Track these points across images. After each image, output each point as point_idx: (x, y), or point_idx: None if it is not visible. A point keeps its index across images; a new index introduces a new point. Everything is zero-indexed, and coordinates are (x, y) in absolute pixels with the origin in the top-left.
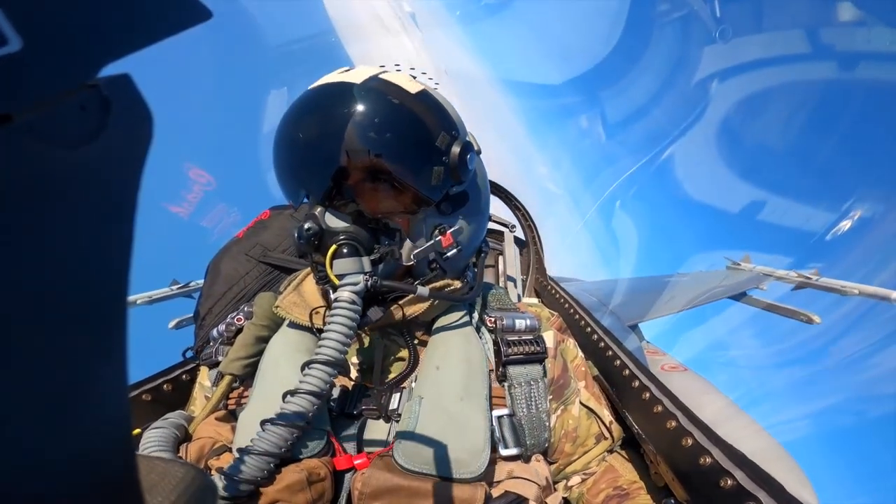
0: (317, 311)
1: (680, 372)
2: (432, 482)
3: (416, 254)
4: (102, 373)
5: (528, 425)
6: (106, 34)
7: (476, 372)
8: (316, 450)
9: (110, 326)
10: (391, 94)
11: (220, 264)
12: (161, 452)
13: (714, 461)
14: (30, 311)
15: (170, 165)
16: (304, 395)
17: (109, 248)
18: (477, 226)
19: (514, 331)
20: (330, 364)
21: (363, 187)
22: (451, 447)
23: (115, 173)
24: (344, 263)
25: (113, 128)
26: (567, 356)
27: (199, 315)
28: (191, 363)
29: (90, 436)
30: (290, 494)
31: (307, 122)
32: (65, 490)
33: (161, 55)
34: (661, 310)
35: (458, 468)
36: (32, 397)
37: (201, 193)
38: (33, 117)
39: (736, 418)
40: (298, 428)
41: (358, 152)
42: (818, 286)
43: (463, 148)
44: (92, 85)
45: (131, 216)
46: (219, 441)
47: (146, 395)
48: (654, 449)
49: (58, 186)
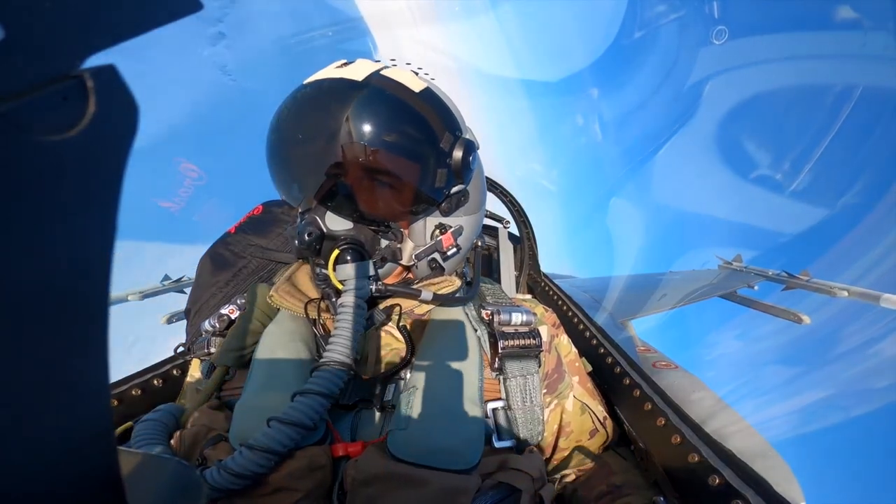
0: (312, 302)
1: (671, 369)
2: (425, 472)
3: (417, 254)
4: (82, 367)
5: (521, 418)
6: (91, 24)
7: (471, 364)
8: (316, 438)
9: (90, 320)
10: (395, 91)
11: (212, 259)
12: (152, 443)
13: (702, 459)
14: (6, 303)
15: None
16: (313, 395)
17: (91, 239)
18: (475, 224)
19: (511, 324)
20: (341, 367)
21: (364, 188)
22: (444, 438)
23: (98, 164)
24: (348, 269)
25: (97, 118)
26: (561, 351)
27: (190, 310)
28: (180, 358)
29: (70, 431)
30: (293, 481)
31: (306, 120)
32: (45, 486)
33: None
34: (653, 307)
35: (452, 459)
36: (9, 392)
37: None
38: (13, 106)
39: (725, 416)
40: (305, 428)
41: (360, 152)
42: (808, 287)
43: (466, 148)
44: (76, 75)
45: (114, 208)
46: (213, 429)
47: (136, 391)
48: (644, 446)
49: (39, 177)
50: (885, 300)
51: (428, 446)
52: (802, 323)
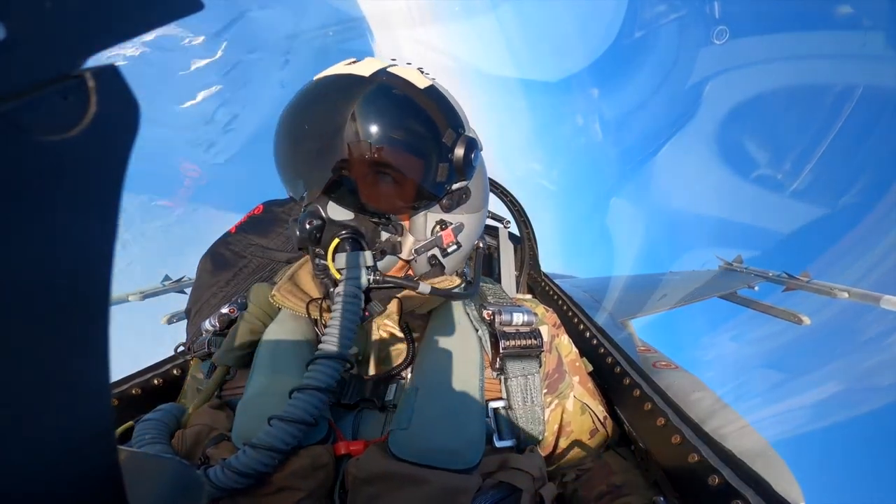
0: (314, 302)
1: (671, 369)
2: (426, 471)
3: (417, 249)
4: (82, 367)
5: (522, 418)
6: (91, 24)
7: (472, 364)
8: (318, 437)
9: (91, 320)
10: (400, 88)
11: (213, 258)
12: (154, 443)
13: (702, 459)
14: (6, 303)
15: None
16: (311, 391)
17: (91, 239)
18: (477, 222)
19: (512, 324)
20: (336, 359)
21: (367, 181)
22: (445, 438)
23: (98, 164)
24: (346, 258)
25: (98, 118)
26: (561, 351)
27: (191, 309)
28: (181, 358)
29: (70, 431)
30: (296, 480)
31: (314, 114)
32: (45, 486)
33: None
34: (653, 307)
35: (453, 458)
36: (9, 392)
37: (192, 188)
38: (13, 106)
39: (725, 416)
40: (306, 424)
41: (365, 146)
42: (809, 288)
43: (468, 145)
44: (77, 75)
45: (115, 208)
46: (215, 429)
47: (136, 390)
48: (644, 446)
49: (39, 177)
50: (886, 301)
51: (429, 446)
52: (802, 324)
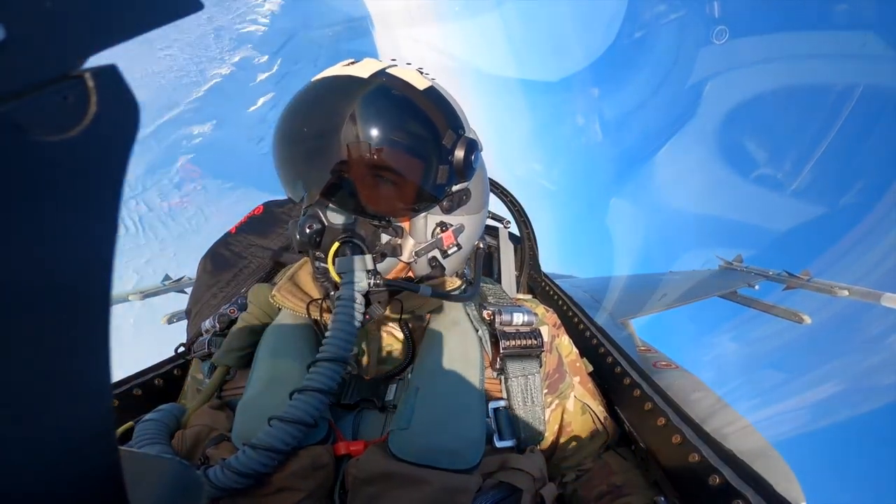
0: (314, 302)
1: (672, 369)
2: (426, 471)
3: (417, 251)
4: (83, 367)
5: (523, 418)
6: (91, 24)
7: (472, 364)
8: (318, 437)
9: (91, 320)
10: (399, 89)
11: (213, 259)
12: (154, 443)
13: (702, 459)
14: (6, 303)
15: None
16: (312, 392)
17: (92, 239)
18: (477, 224)
19: (512, 324)
20: (337, 361)
21: (367, 183)
22: (445, 438)
23: (98, 164)
24: (347, 262)
25: (98, 118)
26: (562, 351)
27: (191, 310)
28: (181, 358)
29: (71, 431)
30: (296, 480)
31: (313, 115)
32: (46, 486)
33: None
34: (653, 307)
35: (453, 459)
36: (9, 392)
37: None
38: (13, 106)
39: (725, 416)
40: (306, 425)
41: (364, 148)
42: (809, 286)
43: (468, 146)
44: (77, 75)
45: (115, 207)
46: (215, 429)
47: (137, 391)
48: (645, 446)
49: (39, 177)
50: (887, 299)
51: (429, 446)
52: (803, 323)
